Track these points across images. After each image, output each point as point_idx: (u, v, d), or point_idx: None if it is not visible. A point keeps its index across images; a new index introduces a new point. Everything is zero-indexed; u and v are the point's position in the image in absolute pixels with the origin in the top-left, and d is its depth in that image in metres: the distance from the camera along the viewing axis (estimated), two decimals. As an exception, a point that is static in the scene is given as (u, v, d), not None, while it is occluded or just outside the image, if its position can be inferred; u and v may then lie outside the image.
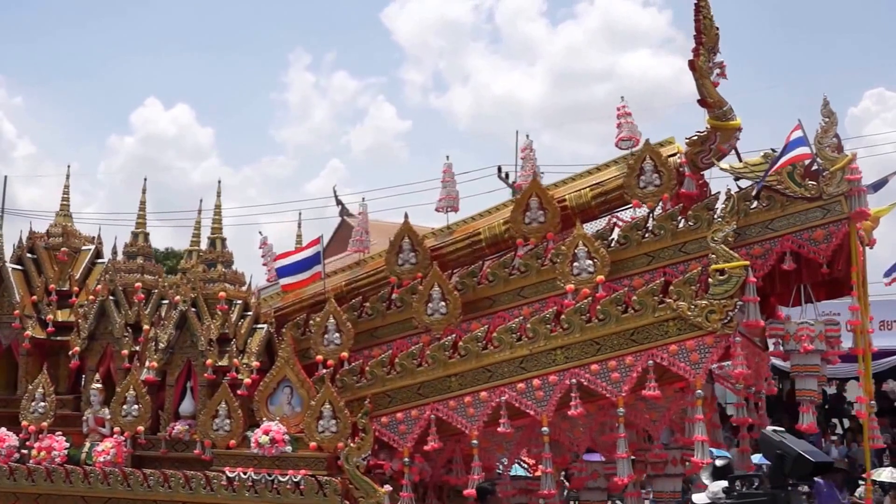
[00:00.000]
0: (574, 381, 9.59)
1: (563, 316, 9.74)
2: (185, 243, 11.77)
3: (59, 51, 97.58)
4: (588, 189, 10.53)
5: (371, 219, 11.93)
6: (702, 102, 9.97)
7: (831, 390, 26.85)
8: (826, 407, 25.62)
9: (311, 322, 10.83)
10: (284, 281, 11.08)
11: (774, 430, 7.25)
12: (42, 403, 10.99)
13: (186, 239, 12.07)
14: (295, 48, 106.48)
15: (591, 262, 9.83)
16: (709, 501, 8.43)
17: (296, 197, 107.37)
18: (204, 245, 11.55)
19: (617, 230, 10.24)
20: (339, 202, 43.87)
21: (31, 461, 10.81)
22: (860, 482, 17.99)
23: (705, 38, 9.91)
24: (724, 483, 9.00)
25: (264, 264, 12.02)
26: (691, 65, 9.94)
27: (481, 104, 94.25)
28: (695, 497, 8.76)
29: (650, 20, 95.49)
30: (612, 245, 10.03)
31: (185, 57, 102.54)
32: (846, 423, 26.58)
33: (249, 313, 11.01)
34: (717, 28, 9.93)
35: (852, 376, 17.48)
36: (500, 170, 39.28)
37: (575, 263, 9.87)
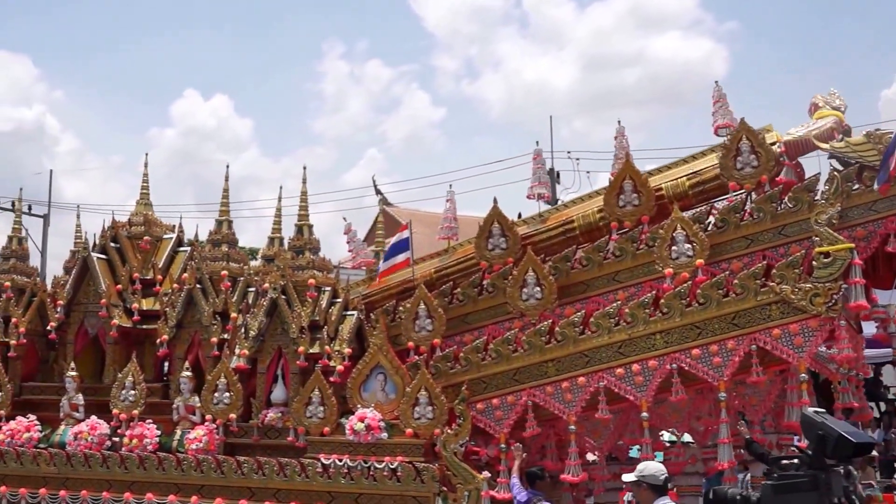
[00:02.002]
0: (674, 365, 9.50)
1: (662, 300, 9.65)
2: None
3: (97, 43, 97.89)
4: (685, 178, 10.43)
5: (411, 208, 11.91)
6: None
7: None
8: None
9: (401, 308, 10.79)
10: (382, 267, 11.00)
11: (815, 412, 7.15)
12: (132, 392, 11.00)
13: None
14: (328, 37, 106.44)
15: (689, 245, 9.73)
16: (635, 479, 8.44)
17: (334, 187, 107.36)
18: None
19: (713, 214, 10.12)
20: (378, 192, 43.83)
21: (123, 449, 10.83)
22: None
23: None
24: (653, 464, 8.97)
25: (350, 250, 11.98)
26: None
27: (513, 91, 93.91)
28: (624, 476, 8.76)
29: (678, 2, 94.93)
30: (710, 228, 9.92)
31: (222, 47, 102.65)
32: (882, 406, 26.35)
33: (338, 300, 10.96)
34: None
35: (888, 360, 17.24)
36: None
37: (673, 247, 9.78)
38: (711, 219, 10.07)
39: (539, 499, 10.26)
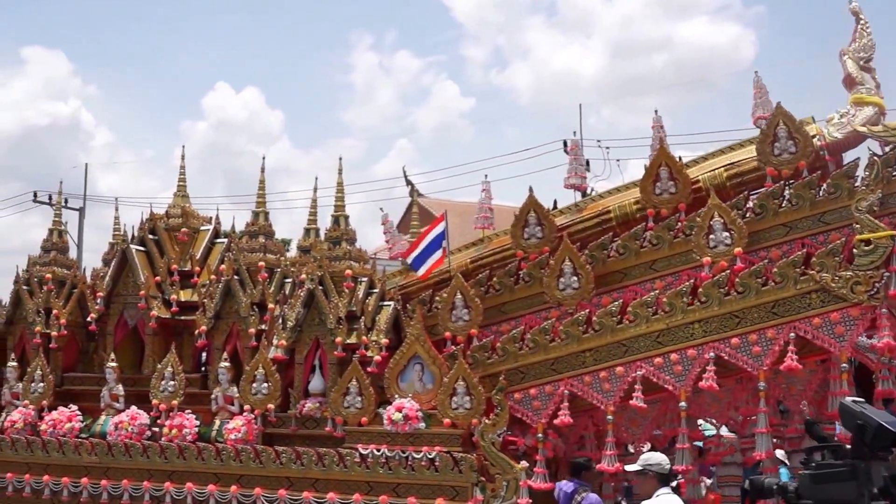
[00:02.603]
0: (713, 354, 9.43)
1: (700, 289, 9.58)
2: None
3: (129, 37, 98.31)
4: (722, 169, 10.30)
5: (442, 198, 11.91)
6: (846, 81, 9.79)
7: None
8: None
9: (438, 299, 10.78)
10: (422, 270, 10.96)
11: (854, 401, 7.05)
12: (171, 382, 11.08)
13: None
14: (357, 28, 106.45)
15: (727, 233, 9.64)
16: (640, 468, 8.46)
17: (365, 178, 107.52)
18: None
19: (751, 201, 10.02)
20: (408, 182, 43.77)
21: (162, 439, 10.92)
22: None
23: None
24: (658, 454, 8.98)
25: (387, 241, 11.99)
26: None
27: (541, 79, 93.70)
28: (627, 466, 8.80)
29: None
30: (748, 216, 9.82)
31: (252, 40, 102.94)
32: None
33: (375, 290, 10.98)
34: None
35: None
36: (565, 144, 38.97)
37: (711, 235, 9.69)
38: (749, 205, 9.96)
39: (585, 489, 10.25)
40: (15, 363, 12.20)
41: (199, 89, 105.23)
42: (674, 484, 14.13)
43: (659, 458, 8.64)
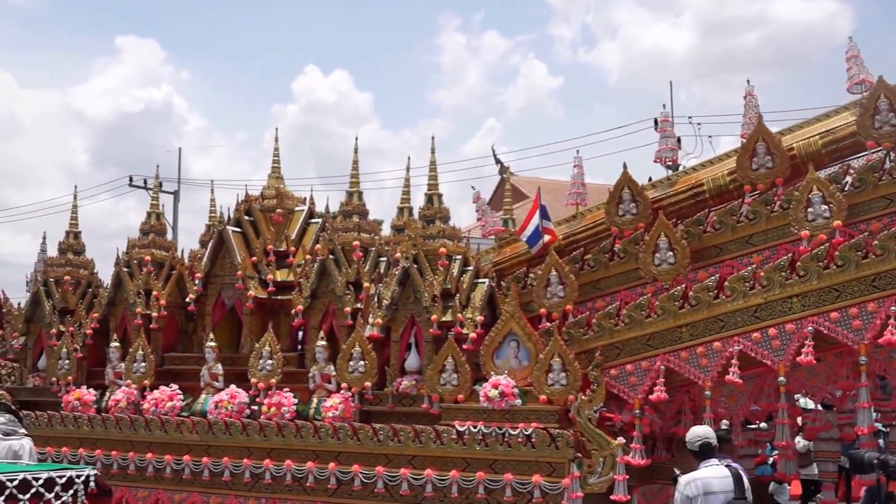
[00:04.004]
0: (812, 329, 9.32)
1: (798, 263, 9.46)
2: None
3: (219, 24, 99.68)
4: (818, 137, 10.15)
5: (531, 176, 11.89)
6: None
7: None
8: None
9: (532, 276, 10.79)
10: (536, 248, 10.95)
11: None
12: (269, 361, 11.22)
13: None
14: (445, 10, 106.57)
15: (826, 206, 9.49)
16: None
17: (453, 158, 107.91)
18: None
19: (850, 174, 9.88)
20: (497, 161, 43.81)
21: (261, 417, 11.07)
22: None
23: None
24: (698, 429, 8.99)
25: (479, 219, 12.04)
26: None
27: (630, 57, 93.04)
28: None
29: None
30: (847, 188, 9.69)
31: (341, 23, 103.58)
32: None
33: (469, 268, 11.02)
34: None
35: None
36: (656, 122, 38.66)
37: (809, 209, 9.55)
38: (848, 179, 9.82)
39: (727, 462, 10.20)
40: (117, 344, 12.47)
41: (289, 73, 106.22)
42: (770, 461, 14.12)
43: (700, 432, 8.70)
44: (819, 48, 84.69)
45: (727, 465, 8.90)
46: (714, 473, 8.63)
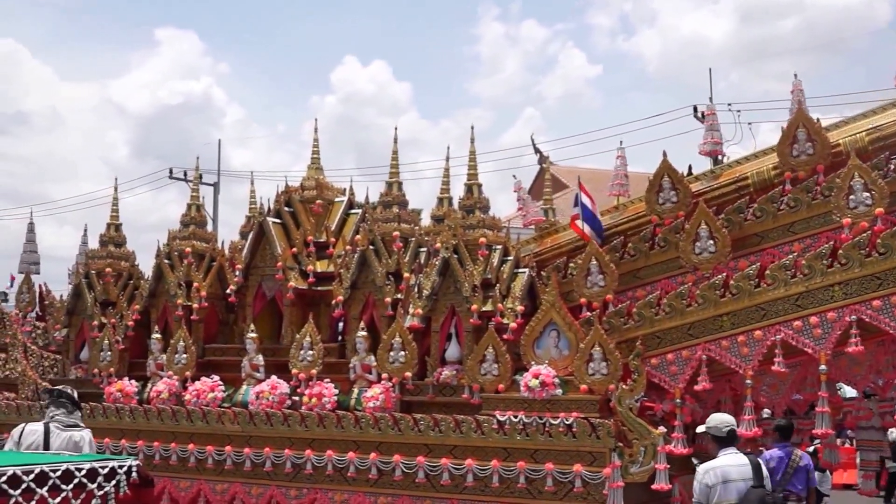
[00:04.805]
0: (854, 317, 9.27)
1: (840, 251, 9.42)
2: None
3: (258, 16, 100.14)
4: (864, 133, 10.09)
5: (570, 165, 11.86)
6: None
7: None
8: None
9: (572, 265, 10.79)
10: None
11: None
12: (310, 352, 11.26)
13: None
14: (483, 0, 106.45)
15: (868, 194, 9.44)
16: (703, 430, 8.47)
17: (492, 148, 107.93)
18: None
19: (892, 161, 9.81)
20: (537, 150, 43.67)
21: (302, 407, 11.12)
22: None
23: None
24: (720, 416, 8.96)
25: (520, 208, 12.03)
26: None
27: (668, 45, 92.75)
28: (698, 428, 8.82)
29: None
30: (889, 176, 9.63)
31: (380, 14, 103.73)
32: None
33: (509, 258, 11.02)
34: None
35: None
36: (695, 110, 38.45)
37: (851, 196, 9.50)
38: (891, 166, 9.75)
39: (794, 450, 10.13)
40: (158, 335, 12.56)
41: (328, 64, 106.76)
42: (811, 449, 14.04)
43: (716, 420, 8.69)
44: (857, 33, 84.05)
45: (747, 453, 8.90)
46: (733, 461, 8.62)
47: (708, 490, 8.55)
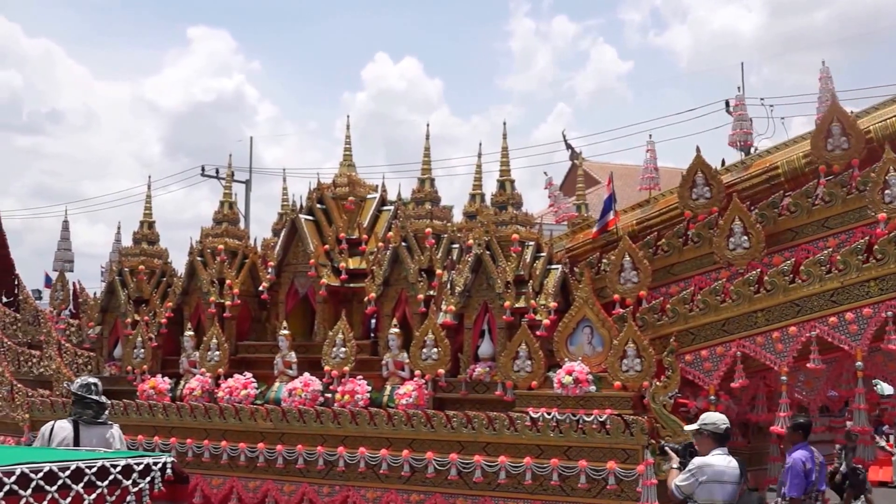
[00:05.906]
0: (890, 313, 9.16)
1: (875, 246, 9.32)
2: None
3: (290, 13, 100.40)
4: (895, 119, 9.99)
5: (602, 161, 11.83)
6: None
7: None
8: None
9: (605, 261, 10.74)
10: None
11: None
12: (343, 349, 11.26)
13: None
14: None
15: (904, 188, 9.36)
16: (697, 427, 8.36)
17: (524, 144, 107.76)
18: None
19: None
20: (568, 146, 43.54)
21: (335, 404, 11.12)
22: None
23: None
24: (715, 414, 8.81)
25: (551, 205, 11.99)
26: None
27: (700, 40, 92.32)
28: (686, 427, 8.70)
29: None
30: (925, 169, 9.53)
31: (411, 10, 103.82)
32: None
33: (542, 254, 10.98)
34: None
35: None
36: (727, 104, 38.22)
37: (886, 191, 9.41)
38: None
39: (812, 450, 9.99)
40: (191, 332, 12.58)
41: (359, 60, 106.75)
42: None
43: (714, 418, 8.61)
44: (889, 23, 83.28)
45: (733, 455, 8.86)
46: (726, 462, 8.49)
47: (698, 485, 8.39)
